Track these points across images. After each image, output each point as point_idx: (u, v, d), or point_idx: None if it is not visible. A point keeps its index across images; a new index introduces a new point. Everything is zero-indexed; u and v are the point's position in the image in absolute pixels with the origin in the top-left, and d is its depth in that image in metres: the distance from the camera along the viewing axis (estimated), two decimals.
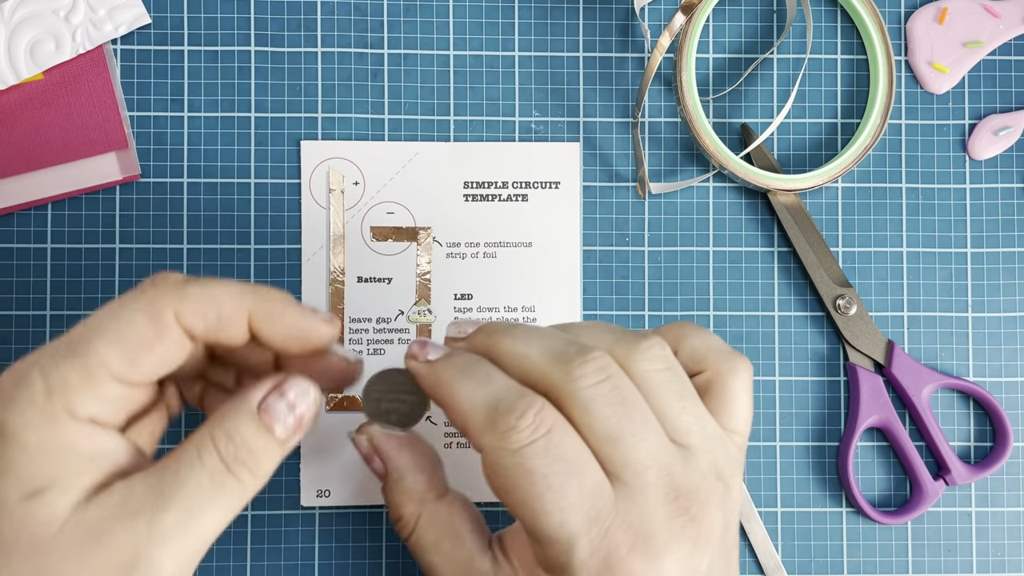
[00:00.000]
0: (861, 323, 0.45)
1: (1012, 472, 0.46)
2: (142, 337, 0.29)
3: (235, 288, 0.31)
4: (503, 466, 0.31)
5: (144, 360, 0.30)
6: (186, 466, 0.29)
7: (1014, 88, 0.47)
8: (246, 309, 0.31)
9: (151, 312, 0.30)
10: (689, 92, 0.44)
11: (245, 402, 0.31)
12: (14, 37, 0.43)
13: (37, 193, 0.44)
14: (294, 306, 0.32)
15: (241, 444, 0.30)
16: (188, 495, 0.29)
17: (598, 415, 0.31)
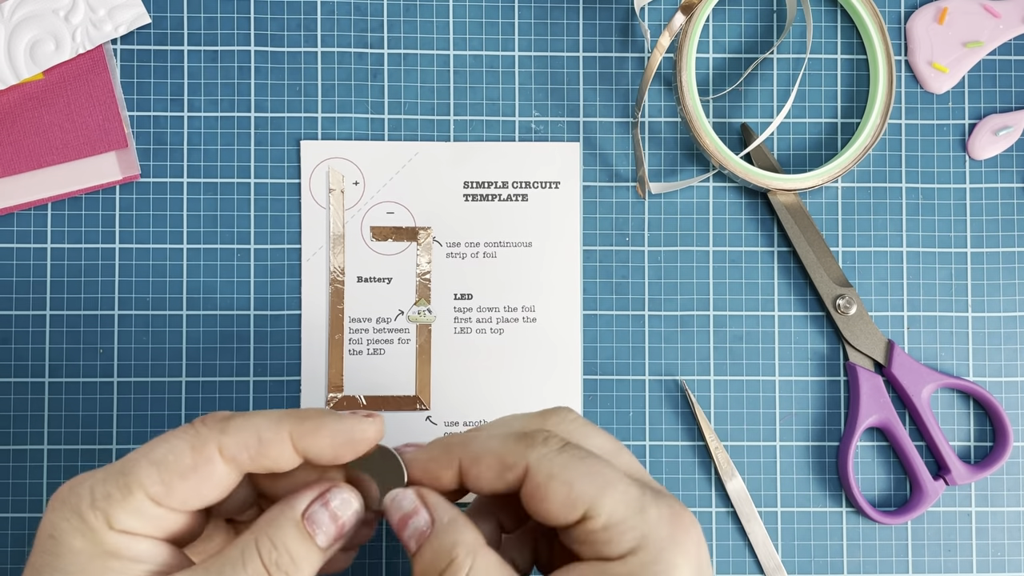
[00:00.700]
0: (861, 323, 0.45)
1: (1012, 472, 0.46)
2: (180, 465, 0.32)
3: (275, 414, 0.33)
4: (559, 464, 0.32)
5: (178, 486, 0.32)
6: (229, 568, 0.32)
7: (1014, 88, 0.47)
8: (286, 430, 0.33)
9: (194, 443, 0.32)
10: (689, 92, 0.44)
11: (290, 509, 0.33)
12: (14, 37, 0.43)
13: (37, 193, 0.44)
14: (332, 416, 0.33)
15: (283, 551, 0.32)
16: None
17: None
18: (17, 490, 0.44)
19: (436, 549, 0.32)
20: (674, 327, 0.46)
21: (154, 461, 0.32)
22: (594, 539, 0.32)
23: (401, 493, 0.34)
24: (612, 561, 0.32)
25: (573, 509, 0.32)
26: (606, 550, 0.32)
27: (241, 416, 0.33)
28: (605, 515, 0.32)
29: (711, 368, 0.46)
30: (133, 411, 0.44)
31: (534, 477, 0.32)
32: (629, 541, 0.31)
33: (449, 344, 0.45)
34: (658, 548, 0.31)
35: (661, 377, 0.45)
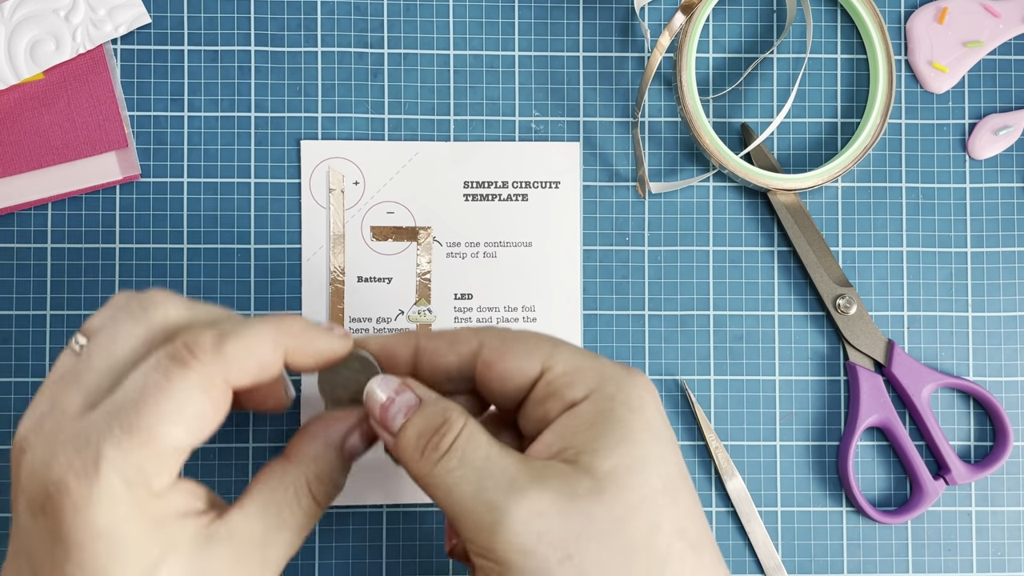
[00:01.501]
0: (861, 323, 0.45)
1: (1012, 472, 0.46)
2: (204, 413, 0.31)
3: (267, 332, 0.33)
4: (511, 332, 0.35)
5: (208, 429, 0.32)
6: (287, 509, 0.33)
7: (1014, 87, 0.47)
8: (282, 351, 0.33)
9: (204, 386, 0.31)
10: (689, 92, 0.44)
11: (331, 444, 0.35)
12: (14, 37, 0.43)
13: (37, 193, 0.44)
14: (316, 332, 0.35)
15: (331, 485, 0.35)
16: (291, 533, 0.33)
17: None
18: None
19: (428, 415, 0.33)
20: (674, 327, 0.46)
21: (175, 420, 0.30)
22: (555, 388, 0.33)
23: (385, 376, 0.35)
24: (578, 404, 0.33)
25: (530, 363, 0.33)
26: (570, 393, 0.33)
27: (232, 337, 0.32)
28: (562, 363, 0.33)
29: (711, 368, 0.46)
30: None
31: (488, 344, 0.34)
32: (590, 381, 0.33)
33: None
34: (619, 382, 0.33)
35: (661, 377, 0.45)
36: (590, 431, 0.32)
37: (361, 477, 0.44)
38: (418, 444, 0.33)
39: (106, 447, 0.29)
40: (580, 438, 0.32)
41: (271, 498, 0.33)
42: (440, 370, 0.35)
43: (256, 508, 0.33)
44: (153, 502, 0.30)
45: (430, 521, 0.44)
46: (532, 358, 0.34)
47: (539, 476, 0.31)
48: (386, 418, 0.34)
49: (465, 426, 0.32)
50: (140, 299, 0.34)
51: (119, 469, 0.29)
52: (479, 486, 0.31)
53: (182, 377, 0.31)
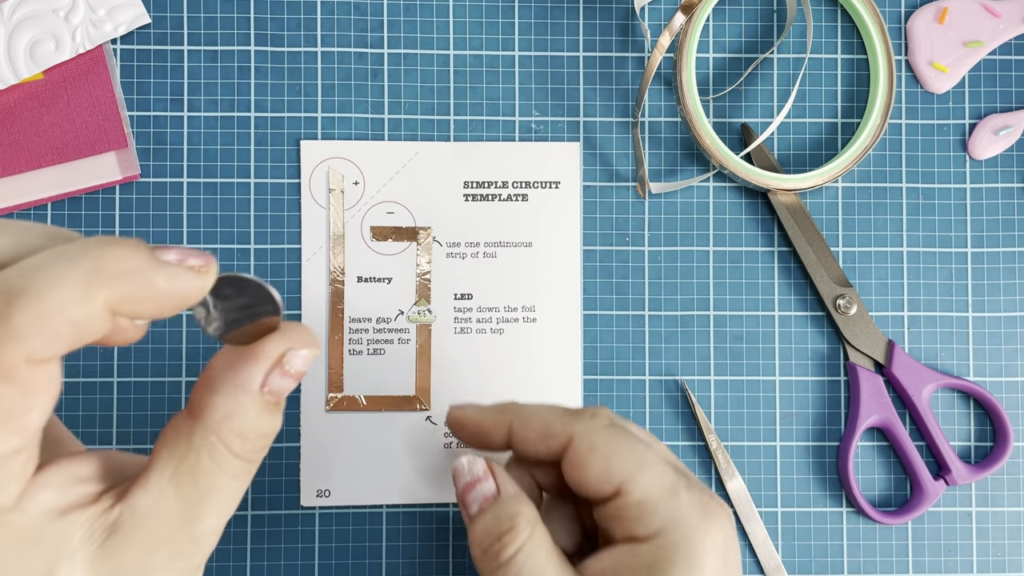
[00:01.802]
0: (861, 323, 0.45)
1: (1012, 472, 0.46)
2: (12, 408, 0.24)
3: (75, 282, 0.24)
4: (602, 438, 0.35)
5: (30, 420, 0.24)
6: (204, 476, 0.27)
7: (1014, 88, 0.47)
8: (102, 302, 0.24)
9: (3, 377, 0.23)
10: (689, 92, 0.44)
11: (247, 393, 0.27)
12: (14, 37, 0.43)
13: (37, 193, 0.44)
14: (156, 268, 0.25)
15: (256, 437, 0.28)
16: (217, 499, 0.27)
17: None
18: None
19: (499, 514, 0.34)
20: (674, 327, 0.46)
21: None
22: (626, 515, 0.33)
23: (473, 460, 0.36)
24: (641, 542, 0.33)
25: (609, 482, 0.33)
26: (635, 528, 0.33)
27: (23, 302, 0.23)
28: (639, 492, 0.33)
29: (711, 368, 0.46)
30: (133, 411, 0.44)
31: (577, 446, 0.34)
32: (659, 522, 0.33)
33: (449, 344, 0.45)
34: (687, 532, 0.32)
35: (661, 377, 0.45)
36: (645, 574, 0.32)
37: (361, 477, 0.44)
38: (482, 542, 0.34)
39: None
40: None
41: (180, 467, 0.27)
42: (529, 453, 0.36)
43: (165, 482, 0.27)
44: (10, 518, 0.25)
45: (430, 521, 0.44)
46: (612, 474, 0.34)
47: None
48: (466, 500, 0.35)
49: (529, 538, 0.33)
50: None
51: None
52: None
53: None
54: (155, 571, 0.26)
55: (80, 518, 0.26)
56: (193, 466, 0.27)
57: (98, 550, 0.26)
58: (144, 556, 0.26)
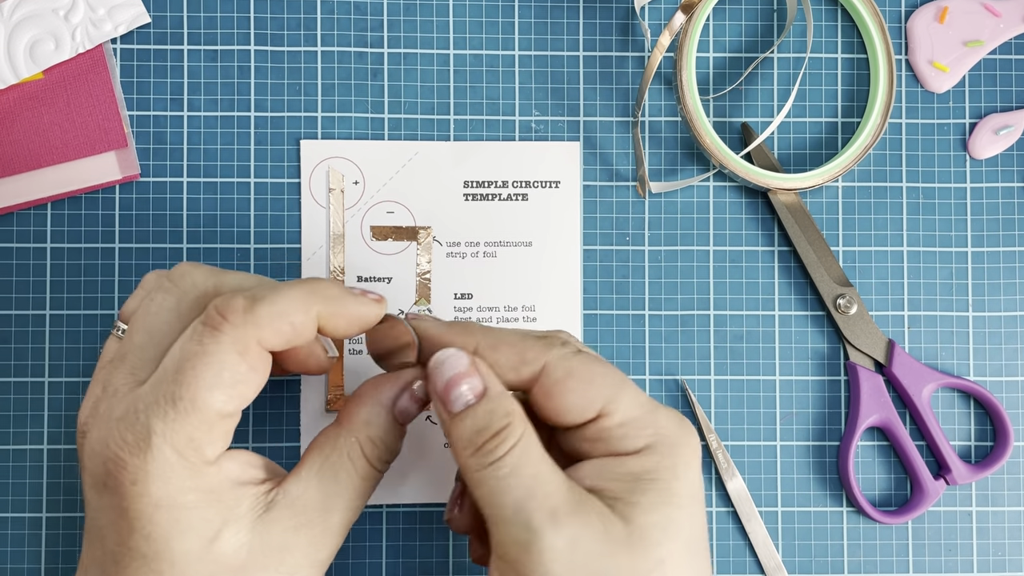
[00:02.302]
0: (861, 322, 0.45)
1: (1012, 472, 0.46)
2: (240, 375, 0.32)
3: (300, 295, 0.33)
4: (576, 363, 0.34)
5: (247, 392, 0.33)
6: (344, 473, 0.34)
7: (1015, 87, 0.47)
8: (314, 313, 0.33)
9: (238, 349, 0.32)
10: (689, 91, 0.44)
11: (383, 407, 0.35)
12: (14, 36, 0.43)
13: (37, 193, 0.44)
14: (351, 297, 0.35)
15: (383, 447, 0.35)
16: (349, 496, 0.34)
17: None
18: (17, 490, 0.44)
19: (492, 411, 0.33)
20: (674, 327, 0.46)
21: (214, 385, 0.31)
22: (609, 435, 0.33)
23: (457, 354, 0.34)
24: (628, 456, 0.33)
25: (590, 405, 0.33)
26: (621, 446, 0.33)
27: (264, 301, 0.32)
28: (621, 412, 0.33)
29: (711, 368, 0.45)
30: None
31: (552, 373, 0.34)
32: (644, 438, 0.33)
33: None
34: (670, 446, 0.33)
35: (661, 377, 0.45)
36: (633, 484, 0.33)
37: None
38: (473, 440, 0.33)
39: (154, 420, 0.31)
40: (622, 487, 0.33)
41: (326, 463, 0.34)
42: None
43: (312, 474, 0.34)
44: (207, 470, 0.31)
45: (430, 521, 0.44)
46: (591, 400, 0.33)
47: (580, 508, 0.32)
48: (448, 396, 0.33)
49: (523, 436, 0.33)
50: (169, 274, 0.35)
51: (169, 440, 0.31)
52: (522, 503, 0.32)
53: (215, 342, 0.32)
54: (294, 550, 0.32)
55: (250, 491, 0.32)
56: (335, 463, 0.34)
57: (257, 520, 0.32)
58: (288, 534, 0.32)
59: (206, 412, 0.31)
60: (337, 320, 0.34)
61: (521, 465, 0.32)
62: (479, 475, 0.32)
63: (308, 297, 0.33)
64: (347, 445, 0.34)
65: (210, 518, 0.31)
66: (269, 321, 0.32)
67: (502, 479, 0.32)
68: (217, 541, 0.31)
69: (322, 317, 0.34)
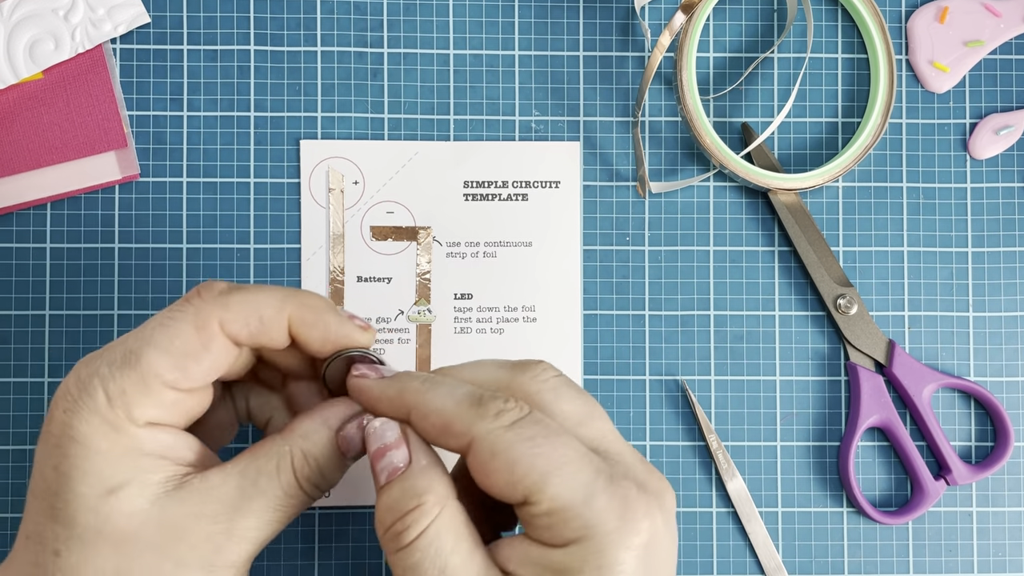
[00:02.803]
0: (862, 323, 0.45)
1: (1013, 472, 0.46)
2: (190, 347, 0.32)
3: (277, 294, 0.33)
4: (504, 443, 0.30)
5: (192, 367, 0.32)
6: (265, 477, 0.32)
7: (1015, 87, 0.47)
8: (286, 314, 0.33)
9: (197, 323, 0.32)
10: (689, 91, 0.44)
11: (326, 426, 0.33)
12: (13, 36, 0.43)
13: (37, 193, 0.44)
14: (333, 312, 0.34)
15: (316, 467, 0.33)
16: (265, 505, 0.32)
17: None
18: (18, 490, 0.44)
19: (406, 489, 0.31)
20: (674, 327, 0.46)
21: (163, 348, 0.31)
22: (536, 523, 0.30)
23: (386, 424, 0.33)
24: (552, 548, 0.30)
25: (514, 491, 0.30)
26: (545, 536, 0.30)
27: (241, 290, 0.33)
28: (547, 501, 0.30)
29: (711, 368, 0.45)
30: None
31: (477, 452, 0.31)
32: (572, 531, 0.30)
33: (449, 344, 0.45)
34: (602, 541, 0.30)
35: (661, 377, 0.45)
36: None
37: (361, 477, 0.44)
38: (384, 520, 0.31)
39: (103, 366, 0.31)
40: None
41: (252, 464, 0.32)
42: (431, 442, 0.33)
43: (236, 471, 0.32)
44: (131, 429, 0.31)
45: None
46: (514, 485, 0.30)
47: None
48: (375, 467, 0.32)
49: (435, 520, 0.31)
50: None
51: (105, 386, 0.31)
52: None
53: (181, 312, 0.32)
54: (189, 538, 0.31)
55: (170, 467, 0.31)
56: (261, 467, 0.32)
57: (164, 493, 0.31)
58: (189, 520, 0.31)
59: (145, 371, 0.31)
60: (311, 331, 0.33)
61: (429, 555, 0.30)
62: (391, 559, 0.31)
63: (285, 298, 0.33)
64: (278, 453, 0.32)
65: (117, 470, 0.31)
66: (238, 308, 0.32)
67: (408, 569, 0.30)
68: (115, 495, 0.30)
69: (295, 322, 0.33)
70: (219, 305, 0.32)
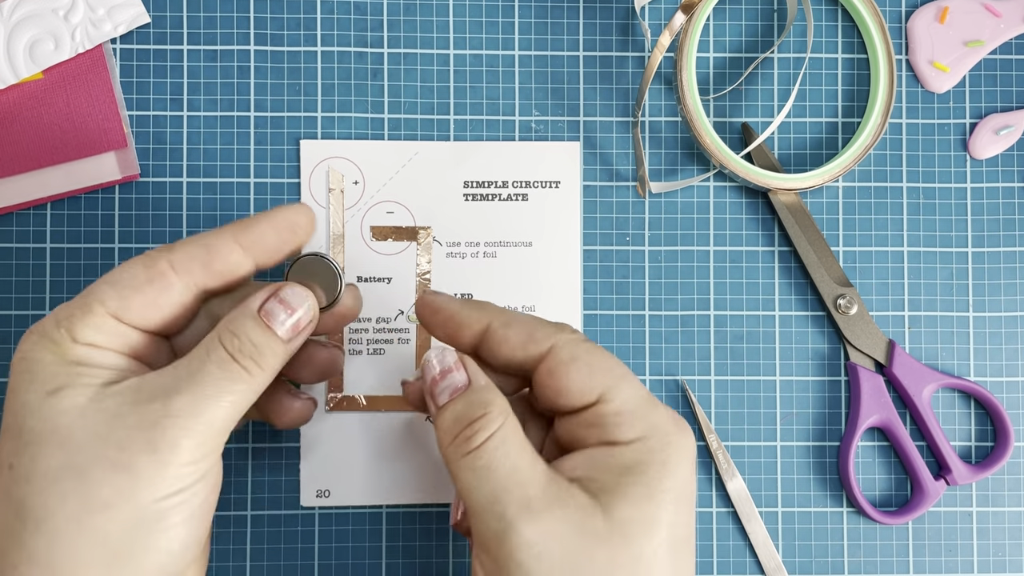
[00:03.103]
0: (862, 323, 0.45)
1: (1013, 472, 0.46)
2: (134, 280, 0.33)
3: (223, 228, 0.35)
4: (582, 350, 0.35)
5: (134, 300, 0.33)
6: (196, 360, 0.33)
7: (1015, 87, 0.47)
8: (228, 232, 0.35)
9: (146, 262, 0.34)
10: (689, 91, 0.44)
11: (247, 306, 0.34)
12: (13, 36, 0.43)
13: (37, 193, 0.44)
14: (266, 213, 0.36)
15: (245, 340, 0.33)
16: (199, 382, 0.32)
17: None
18: None
19: (472, 402, 0.34)
20: (674, 327, 0.46)
21: (110, 282, 0.33)
22: (605, 422, 0.34)
23: (445, 350, 0.35)
24: (620, 445, 0.33)
25: (591, 390, 0.34)
26: (616, 433, 0.33)
27: (193, 237, 0.35)
28: (619, 400, 0.34)
29: (711, 368, 0.45)
30: None
31: (558, 355, 0.34)
32: (639, 429, 0.33)
33: None
34: (664, 440, 0.33)
35: (661, 377, 0.45)
36: (621, 476, 0.33)
37: (361, 477, 0.44)
38: (452, 429, 0.33)
39: (63, 304, 0.34)
40: (608, 478, 0.33)
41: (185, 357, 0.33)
42: (502, 357, 0.36)
43: (170, 366, 0.33)
44: (72, 346, 0.33)
45: (430, 521, 0.44)
46: (593, 385, 0.34)
47: (557, 501, 0.32)
48: (434, 391, 0.35)
49: (502, 427, 0.33)
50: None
51: (57, 314, 0.33)
52: (496, 495, 0.32)
53: (134, 258, 0.34)
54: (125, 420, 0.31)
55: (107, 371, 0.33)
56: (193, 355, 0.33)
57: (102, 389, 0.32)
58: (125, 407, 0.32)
59: (89, 297, 0.33)
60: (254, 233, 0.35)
61: (498, 456, 0.33)
62: (457, 465, 0.33)
63: (222, 227, 0.35)
64: (207, 340, 0.34)
65: (57, 375, 0.32)
66: (183, 245, 0.34)
67: (478, 469, 0.32)
68: (55, 395, 0.32)
69: (240, 233, 0.35)
70: (166, 248, 0.34)
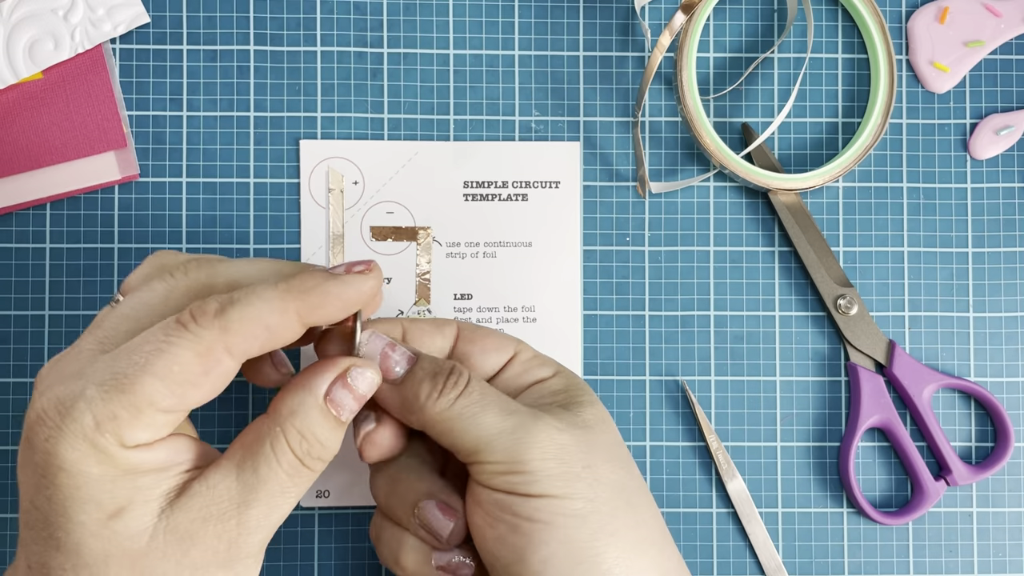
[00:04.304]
0: (862, 323, 0.45)
1: (1013, 472, 0.46)
2: (189, 375, 0.30)
3: (273, 297, 0.31)
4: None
5: (191, 394, 0.31)
6: (264, 465, 0.31)
7: (1015, 87, 0.47)
8: (293, 312, 0.32)
9: (199, 350, 0.30)
10: (689, 91, 0.44)
11: (312, 395, 0.32)
12: (13, 36, 0.43)
13: (36, 193, 0.44)
14: (332, 283, 0.32)
15: (314, 440, 0.32)
16: (269, 492, 0.31)
17: None
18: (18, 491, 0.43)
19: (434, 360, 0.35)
20: (674, 327, 0.45)
21: (158, 375, 0.30)
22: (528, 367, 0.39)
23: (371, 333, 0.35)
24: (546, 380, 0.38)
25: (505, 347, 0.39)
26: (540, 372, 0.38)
27: (238, 306, 0.31)
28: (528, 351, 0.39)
29: (711, 368, 0.45)
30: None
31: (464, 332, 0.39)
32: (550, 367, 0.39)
33: None
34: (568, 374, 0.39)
35: (661, 377, 0.45)
36: (563, 395, 0.37)
37: (361, 477, 0.44)
38: (435, 383, 0.34)
39: (90, 388, 0.30)
40: (553, 400, 0.37)
41: (247, 454, 0.32)
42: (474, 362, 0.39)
43: (232, 465, 0.31)
44: (122, 452, 0.30)
45: None
46: (505, 343, 0.38)
47: (546, 409, 0.36)
48: (386, 366, 0.35)
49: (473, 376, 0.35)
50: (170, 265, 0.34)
51: (93, 409, 0.29)
52: (505, 410, 0.34)
53: (179, 337, 0.30)
54: (200, 542, 0.30)
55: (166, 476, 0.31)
56: (256, 453, 0.32)
57: (167, 505, 0.30)
58: (196, 524, 0.30)
59: (138, 396, 0.29)
60: (322, 311, 0.32)
61: (485, 391, 0.35)
62: (451, 412, 0.34)
63: (283, 296, 0.31)
64: (270, 436, 0.32)
65: (115, 494, 0.30)
66: (240, 326, 0.31)
67: (476, 402, 0.34)
68: (118, 519, 0.30)
69: (303, 313, 0.32)
70: (219, 329, 0.30)
